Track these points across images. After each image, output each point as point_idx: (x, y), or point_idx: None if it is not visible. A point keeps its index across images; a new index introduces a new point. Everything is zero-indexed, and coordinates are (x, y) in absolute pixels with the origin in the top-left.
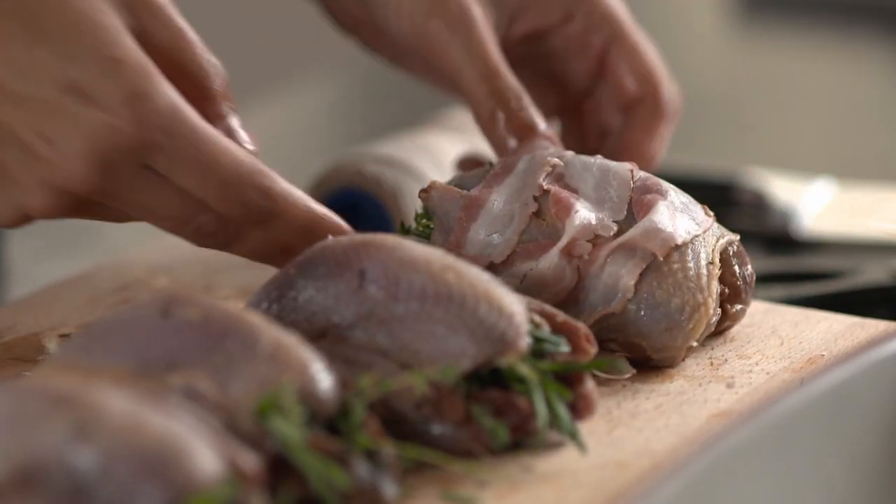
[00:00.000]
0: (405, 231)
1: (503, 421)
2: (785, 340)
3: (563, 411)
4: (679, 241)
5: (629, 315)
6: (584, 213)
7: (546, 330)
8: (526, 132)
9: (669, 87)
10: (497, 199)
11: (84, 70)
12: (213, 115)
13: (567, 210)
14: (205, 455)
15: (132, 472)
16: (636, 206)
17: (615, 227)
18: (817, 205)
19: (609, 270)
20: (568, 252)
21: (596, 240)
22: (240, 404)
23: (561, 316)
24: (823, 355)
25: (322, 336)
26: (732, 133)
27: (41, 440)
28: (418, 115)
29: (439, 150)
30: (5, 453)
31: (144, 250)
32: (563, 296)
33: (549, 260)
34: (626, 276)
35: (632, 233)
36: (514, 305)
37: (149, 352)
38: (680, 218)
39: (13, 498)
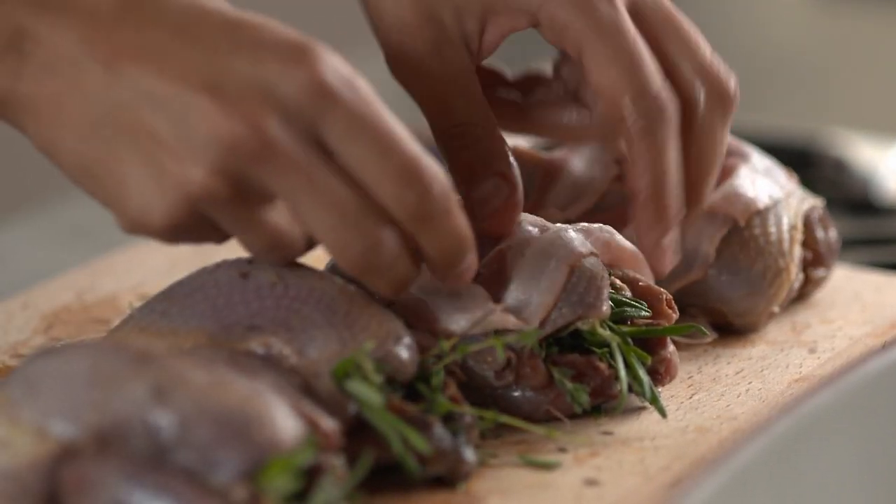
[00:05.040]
0: None
1: (584, 385)
2: (867, 305)
3: (643, 375)
4: (761, 205)
5: (710, 280)
6: None
7: (627, 294)
8: None
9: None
10: (577, 163)
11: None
12: None
13: None
14: (285, 418)
15: (213, 433)
16: None
17: None
18: None
19: (690, 236)
20: None
21: None
22: (319, 367)
23: (642, 280)
24: None
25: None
26: (813, 95)
27: (122, 401)
28: None
29: None
30: (85, 413)
31: None
32: None
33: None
34: (706, 241)
35: (713, 197)
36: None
37: (228, 314)
38: (762, 182)
39: (93, 457)
